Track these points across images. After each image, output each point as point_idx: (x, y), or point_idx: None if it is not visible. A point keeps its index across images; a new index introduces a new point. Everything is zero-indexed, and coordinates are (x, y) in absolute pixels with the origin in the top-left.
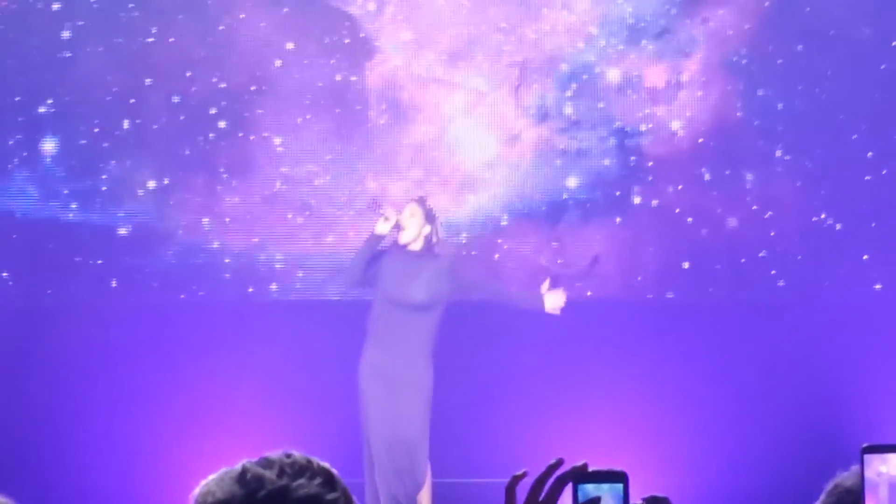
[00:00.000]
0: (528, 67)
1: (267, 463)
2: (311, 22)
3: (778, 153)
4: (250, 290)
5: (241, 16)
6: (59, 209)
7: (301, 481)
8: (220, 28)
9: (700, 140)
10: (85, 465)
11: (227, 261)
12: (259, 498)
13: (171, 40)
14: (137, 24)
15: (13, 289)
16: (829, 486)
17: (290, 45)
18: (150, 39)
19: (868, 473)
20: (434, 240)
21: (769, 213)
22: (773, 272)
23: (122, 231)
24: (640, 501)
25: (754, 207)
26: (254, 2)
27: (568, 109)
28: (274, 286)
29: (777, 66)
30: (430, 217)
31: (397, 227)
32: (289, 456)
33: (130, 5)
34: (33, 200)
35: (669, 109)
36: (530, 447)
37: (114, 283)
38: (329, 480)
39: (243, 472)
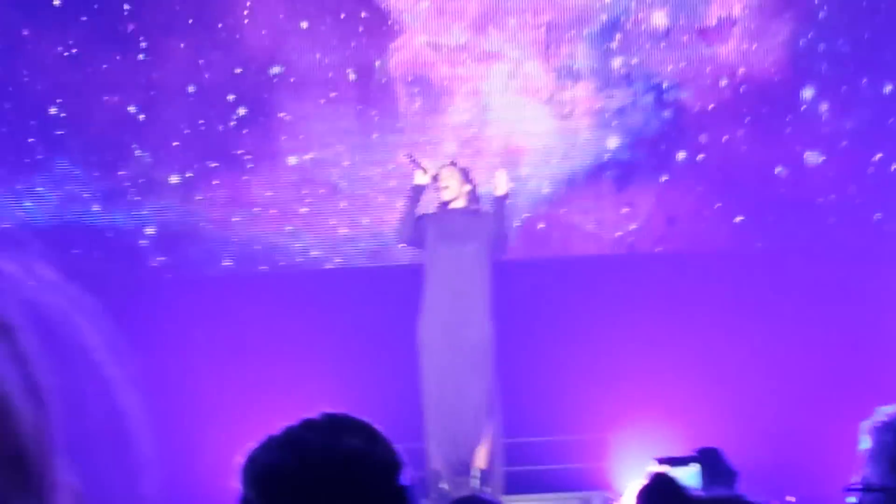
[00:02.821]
0: (555, 27)
1: (308, 424)
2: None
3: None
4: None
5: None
6: (81, 212)
7: (344, 438)
8: (228, 15)
9: (742, 89)
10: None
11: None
12: (304, 458)
13: (180, 28)
14: (144, 14)
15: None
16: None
17: (304, 24)
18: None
19: None
20: (477, 198)
21: (822, 157)
22: (831, 220)
23: (149, 230)
24: (694, 452)
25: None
26: None
27: (603, 66)
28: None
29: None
30: (467, 177)
31: (437, 187)
32: (328, 415)
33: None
34: (53, 204)
35: (706, 58)
36: (590, 405)
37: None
38: (371, 435)
39: (287, 435)
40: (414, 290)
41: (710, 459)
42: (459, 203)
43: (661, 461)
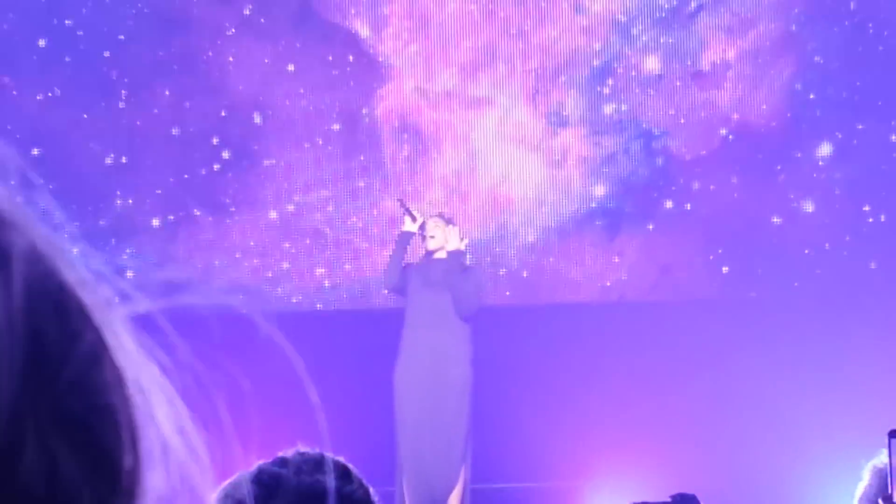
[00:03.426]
0: (543, 73)
1: (282, 461)
2: (310, 41)
3: (821, 149)
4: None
5: (229, 32)
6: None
7: (317, 476)
8: (211, 54)
9: (730, 137)
10: None
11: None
12: (276, 495)
13: (165, 70)
14: (130, 57)
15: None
16: (869, 466)
17: (290, 67)
18: (144, 70)
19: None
20: (461, 247)
21: (811, 208)
22: (817, 271)
23: (128, 274)
24: (669, 499)
25: (794, 205)
26: (244, 24)
27: (590, 113)
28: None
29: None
30: (449, 222)
31: (423, 236)
32: (302, 453)
33: (120, 37)
34: None
35: (696, 105)
36: (568, 452)
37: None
38: (345, 473)
39: (259, 472)
40: (391, 334)
41: None
42: (442, 254)
43: None
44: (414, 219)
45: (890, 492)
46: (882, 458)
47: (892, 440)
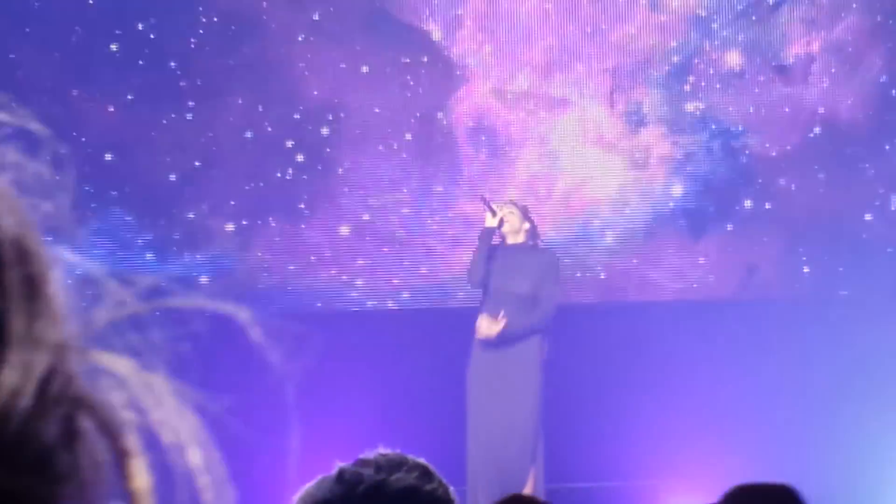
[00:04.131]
0: (621, 72)
1: (363, 462)
2: (385, 42)
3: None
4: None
5: (300, 37)
6: (133, 261)
7: (398, 475)
8: (284, 52)
9: (813, 132)
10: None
11: (318, 304)
12: (359, 493)
13: (238, 72)
14: (200, 59)
15: None
16: None
17: (364, 69)
18: (217, 73)
19: None
20: (536, 234)
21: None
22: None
23: (203, 279)
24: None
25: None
26: (318, 24)
27: (670, 111)
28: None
29: None
30: (526, 215)
31: (500, 222)
32: (383, 454)
33: (192, 41)
34: (104, 254)
35: (772, 102)
36: (645, 450)
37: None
38: (426, 472)
39: (340, 472)
40: (466, 333)
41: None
42: (519, 238)
43: None
44: (494, 213)
45: None
46: None
47: None
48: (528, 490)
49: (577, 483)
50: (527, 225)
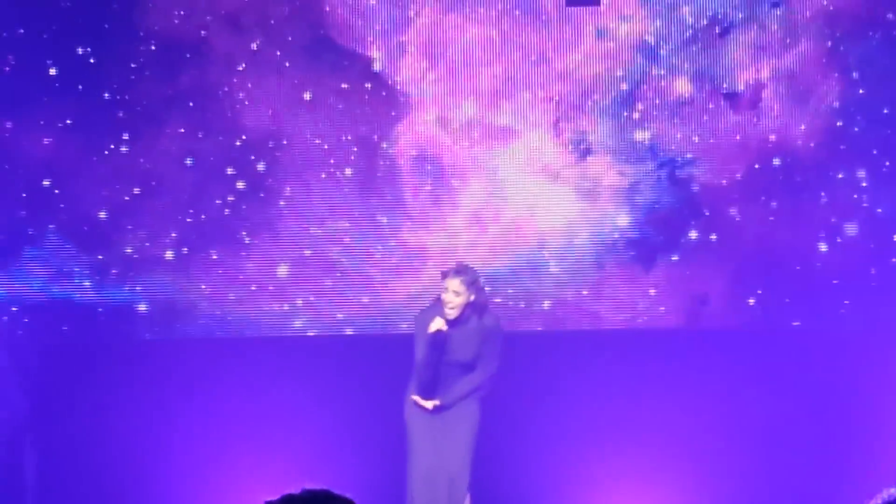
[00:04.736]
0: (565, 101)
1: (288, 499)
2: (326, 68)
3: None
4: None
5: (240, 68)
6: (70, 288)
7: None
8: (226, 87)
9: (772, 162)
10: None
11: (258, 332)
12: None
13: (179, 97)
14: (143, 82)
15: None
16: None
17: (307, 95)
18: (157, 95)
19: None
20: (481, 305)
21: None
22: (845, 302)
23: (142, 307)
24: None
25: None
26: (258, 53)
27: (609, 141)
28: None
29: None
30: (472, 284)
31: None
32: (309, 491)
33: (133, 65)
34: (42, 281)
35: (717, 131)
36: (569, 480)
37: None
38: None
39: None
40: (405, 358)
41: None
42: (455, 314)
43: None
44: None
45: None
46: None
47: None
48: None
49: None
50: (472, 297)
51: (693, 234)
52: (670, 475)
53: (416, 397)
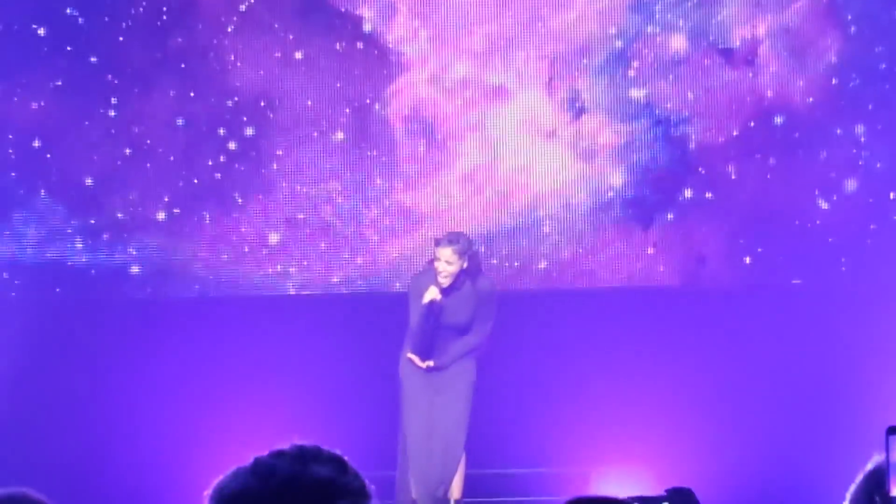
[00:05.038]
0: (558, 59)
1: (278, 454)
2: (318, 28)
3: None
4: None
5: (228, 28)
6: (63, 249)
7: (313, 467)
8: (216, 42)
9: (775, 121)
10: (94, 467)
11: (252, 292)
12: (273, 485)
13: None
14: (132, 44)
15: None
16: (865, 471)
17: (298, 55)
18: (147, 57)
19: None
20: (475, 270)
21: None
22: (842, 259)
23: (134, 269)
24: (664, 492)
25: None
26: (249, 13)
27: (603, 100)
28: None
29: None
30: (465, 251)
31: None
32: (299, 446)
33: (123, 24)
34: (33, 242)
35: (714, 89)
36: (576, 438)
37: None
38: (341, 465)
39: (255, 464)
40: (398, 318)
41: (680, 500)
42: (448, 281)
43: (632, 500)
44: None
45: (888, 490)
46: (874, 461)
47: (892, 437)
48: (459, 476)
49: (509, 469)
50: (465, 264)
51: (689, 193)
52: (669, 434)
53: (411, 355)
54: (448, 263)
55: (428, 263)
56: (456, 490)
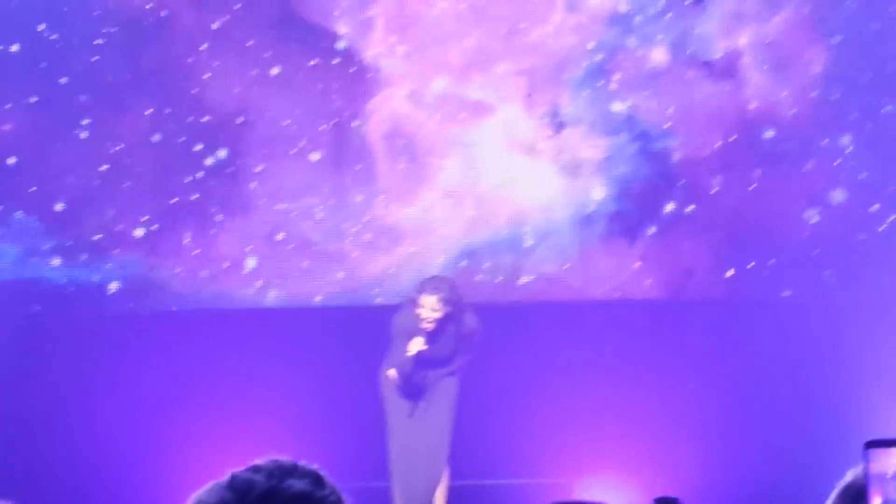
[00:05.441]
0: (537, 74)
1: (255, 469)
2: (294, 44)
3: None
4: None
5: (201, 47)
6: (41, 267)
7: (290, 481)
8: (191, 60)
9: (731, 138)
10: (73, 484)
11: (231, 307)
12: (250, 500)
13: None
14: (108, 61)
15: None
16: (840, 485)
17: (274, 71)
18: (124, 74)
19: (874, 469)
20: (457, 315)
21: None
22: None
23: (113, 286)
24: (652, 502)
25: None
26: (225, 29)
27: (584, 114)
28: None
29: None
30: (448, 300)
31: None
32: (276, 460)
33: (98, 41)
34: (11, 260)
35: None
36: (559, 449)
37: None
38: (318, 479)
39: (232, 478)
40: (379, 332)
41: None
42: (433, 325)
43: None
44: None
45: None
46: (850, 477)
47: (869, 451)
48: (442, 488)
49: (490, 480)
50: (448, 309)
51: (672, 206)
52: (655, 446)
53: (392, 372)
54: (433, 311)
55: (410, 301)
56: (439, 502)
